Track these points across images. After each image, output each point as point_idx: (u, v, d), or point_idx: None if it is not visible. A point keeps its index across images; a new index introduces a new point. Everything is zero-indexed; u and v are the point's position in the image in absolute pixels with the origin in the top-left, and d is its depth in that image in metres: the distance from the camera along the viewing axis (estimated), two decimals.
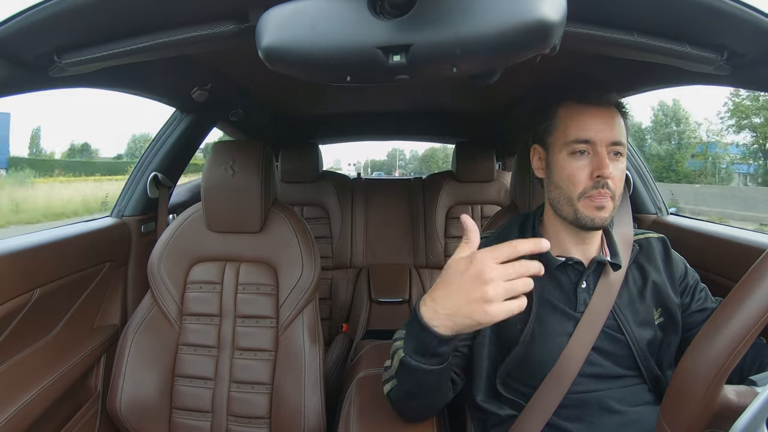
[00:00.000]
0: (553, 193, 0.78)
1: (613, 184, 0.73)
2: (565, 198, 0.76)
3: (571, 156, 0.75)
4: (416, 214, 2.15)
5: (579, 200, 0.74)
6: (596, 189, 0.73)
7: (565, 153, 0.76)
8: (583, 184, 0.74)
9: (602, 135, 0.73)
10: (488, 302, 0.56)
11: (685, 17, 0.60)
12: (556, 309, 0.76)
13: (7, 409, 0.83)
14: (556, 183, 0.78)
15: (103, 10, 0.59)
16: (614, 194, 0.74)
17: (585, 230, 0.77)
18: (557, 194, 0.77)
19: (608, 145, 0.74)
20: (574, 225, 0.76)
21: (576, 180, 0.74)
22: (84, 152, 33.79)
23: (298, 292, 1.08)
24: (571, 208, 0.75)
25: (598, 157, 0.73)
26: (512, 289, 0.56)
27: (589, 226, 0.74)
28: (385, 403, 0.75)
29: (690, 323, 0.79)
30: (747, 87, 0.77)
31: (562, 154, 0.76)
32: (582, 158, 0.74)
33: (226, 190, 1.09)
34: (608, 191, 0.73)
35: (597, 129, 0.74)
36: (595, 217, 0.73)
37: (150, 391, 1.05)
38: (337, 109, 1.98)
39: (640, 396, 0.75)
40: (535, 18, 0.46)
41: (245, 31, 0.62)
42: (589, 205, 0.73)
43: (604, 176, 0.72)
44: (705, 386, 0.45)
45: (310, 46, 0.50)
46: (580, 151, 0.74)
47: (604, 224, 0.75)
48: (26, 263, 0.92)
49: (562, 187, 0.76)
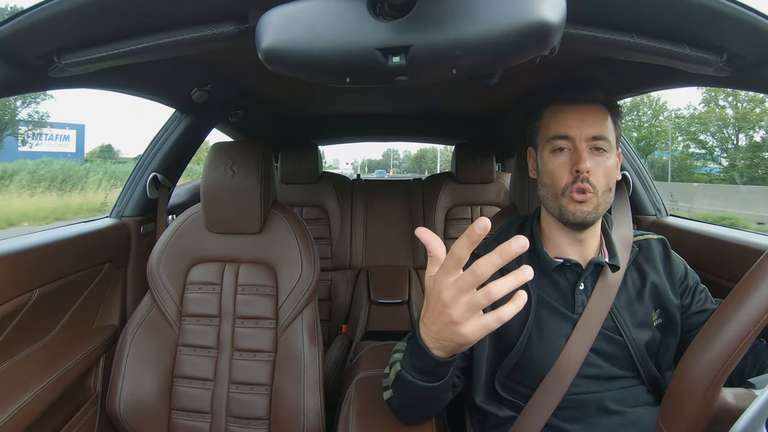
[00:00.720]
0: (542, 191, 0.81)
1: (595, 179, 0.74)
2: (551, 195, 0.78)
3: (552, 153, 0.77)
4: (416, 215, 2.15)
5: (563, 196, 0.75)
6: (575, 184, 0.74)
7: (547, 151, 0.78)
8: (564, 179, 0.75)
9: (580, 131, 0.75)
10: (457, 324, 0.50)
11: (684, 19, 0.61)
12: (553, 311, 0.77)
13: (6, 409, 0.83)
14: (543, 181, 0.80)
15: (103, 10, 0.59)
16: (596, 190, 0.74)
17: (572, 227, 0.77)
18: (545, 192, 0.80)
19: (588, 140, 0.75)
20: (561, 222, 0.78)
21: (557, 176, 0.76)
22: (106, 152, 34.30)
23: (298, 293, 1.08)
24: (556, 204, 0.77)
25: (576, 152, 0.75)
26: (475, 305, 0.49)
27: (572, 221, 0.75)
28: (384, 405, 0.75)
29: (690, 324, 0.79)
30: (746, 88, 0.77)
31: (545, 152, 0.79)
32: (562, 155, 0.76)
33: (226, 191, 1.09)
34: (588, 185, 0.74)
35: (574, 125, 0.76)
36: (576, 211, 0.74)
37: (149, 391, 1.05)
38: (336, 110, 1.98)
39: (638, 397, 0.75)
40: (534, 19, 0.46)
41: (245, 32, 0.62)
42: (570, 200, 0.75)
43: (581, 170, 0.73)
44: (703, 388, 0.45)
45: (309, 47, 0.50)
46: (559, 148, 0.76)
47: (587, 220, 0.75)
48: (26, 264, 0.92)
49: (547, 185, 0.78)
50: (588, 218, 0.75)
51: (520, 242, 0.43)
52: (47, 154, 19.95)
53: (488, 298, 0.47)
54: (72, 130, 25.63)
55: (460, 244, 0.47)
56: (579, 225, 0.76)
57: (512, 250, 0.44)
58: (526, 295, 0.47)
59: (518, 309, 0.47)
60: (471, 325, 0.50)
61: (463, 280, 0.48)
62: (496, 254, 0.46)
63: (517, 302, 0.47)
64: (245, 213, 1.10)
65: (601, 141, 0.76)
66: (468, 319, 0.50)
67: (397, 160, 61.04)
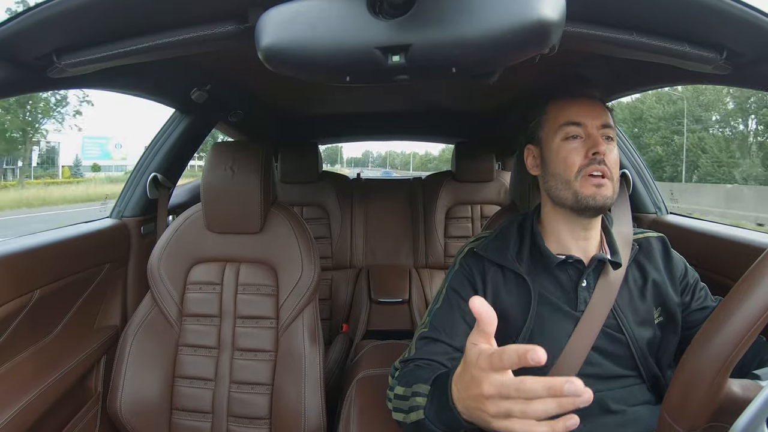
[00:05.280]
0: (551, 182, 0.79)
1: (609, 163, 0.74)
2: (563, 182, 0.76)
3: (564, 141, 0.77)
4: (416, 214, 2.15)
5: (577, 180, 0.75)
6: (591, 166, 0.74)
7: (558, 138, 0.78)
8: (579, 163, 0.75)
9: (592, 119, 0.76)
10: (491, 417, 0.48)
11: (684, 17, 0.61)
12: (555, 308, 0.76)
13: (7, 410, 0.83)
14: (552, 171, 0.78)
15: (103, 11, 0.59)
16: (612, 175, 0.74)
17: (587, 214, 0.76)
18: (554, 182, 0.78)
19: (599, 127, 0.76)
20: (575, 209, 0.76)
21: (571, 161, 0.75)
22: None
23: (298, 293, 1.08)
24: (570, 190, 0.75)
25: (591, 138, 0.75)
26: (510, 412, 0.46)
27: (591, 205, 0.73)
28: (385, 404, 0.75)
29: (690, 322, 0.79)
30: (746, 86, 0.77)
31: (556, 140, 0.78)
32: (575, 141, 0.76)
33: (226, 190, 1.09)
34: (606, 168, 0.74)
35: (585, 113, 0.76)
36: (597, 194, 0.73)
37: (150, 391, 1.05)
38: (336, 109, 1.98)
39: (639, 396, 0.75)
40: (534, 18, 0.46)
41: (244, 31, 0.62)
42: (588, 182, 0.74)
43: (599, 152, 0.73)
44: (710, 378, 0.44)
45: (309, 46, 0.50)
46: (572, 136, 0.76)
47: (605, 204, 0.74)
48: (26, 264, 0.92)
49: (558, 173, 0.77)
50: (606, 203, 0.74)
51: (572, 388, 0.41)
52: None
53: (523, 416, 0.46)
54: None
55: (511, 360, 0.44)
56: (598, 209, 0.74)
57: (563, 392, 0.42)
58: (578, 420, 0.44)
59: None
60: (501, 423, 0.48)
61: (506, 388, 0.46)
62: (543, 387, 0.43)
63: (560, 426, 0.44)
64: (245, 213, 1.10)
65: (610, 130, 0.77)
66: (500, 418, 0.48)
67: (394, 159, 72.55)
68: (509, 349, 0.44)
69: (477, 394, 0.49)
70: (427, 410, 0.63)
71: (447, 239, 2.06)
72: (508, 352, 0.44)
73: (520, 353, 0.43)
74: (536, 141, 0.83)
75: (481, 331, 0.49)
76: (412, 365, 0.75)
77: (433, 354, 0.75)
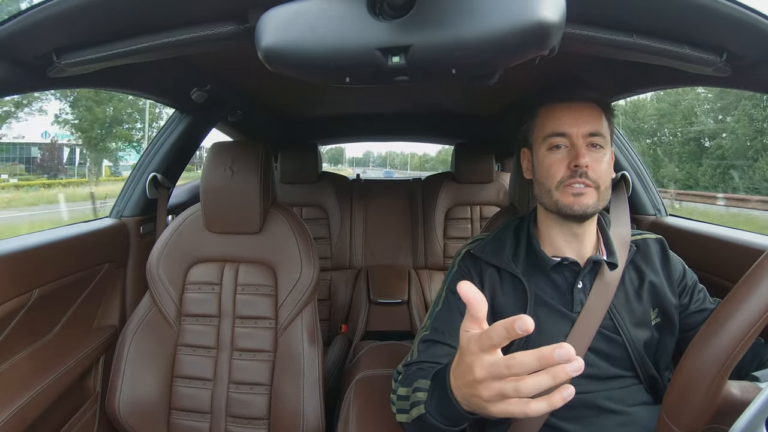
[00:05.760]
0: (537, 189, 0.81)
1: (594, 173, 0.74)
2: (545, 191, 0.78)
3: (549, 151, 0.78)
4: (415, 215, 2.15)
5: (558, 189, 0.76)
6: (572, 178, 0.74)
7: (544, 148, 0.79)
8: (560, 174, 0.76)
9: (576, 128, 0.76)
10: (486, 401, 0.48)
11: (684, 19, 0.61)
12: (552, 310, 0.77)
13: (5, 409, 0.83)
14: (538, 178, 0.80)
15: (103, 10, 0.59)
16: (597, 184, 0.75)
17: (571, 219, 0.77)
18: (539, 189, 0.80)
19: (585, 136, 0.76)
20: (560, 215, 0.77)
21: (553, 172, 0.76)
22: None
23: (297, 293, 1.08)
24: (551, 199, 0.77)
25: (574, 149, 0.75)
26: (503, 393, 0.46)
27: (569, 214, 0.75)
28: (383, 405, 0.75)
29: (689, 324, 0.79)
30: (746, 88, 0.77)
31: (542, 149, 0.79)
32: (559, 152, 0.77)
33: (225, 190, 1.09)
34: (587, 180, 0.74)
35: (571, 123, 0.76)
36: (575, 204, 0.74)
37: (149, 391, 1.05)
38: (336, 110, 1.98)
39: (636, 396, 0.75)
40: (534, 19, 0.46)
41: (245, 32, 0.62)
42: (567, 192, 0.75)
43: (579, 165, 0.74)
44: (709, 379, 0.44)
45: (309, 47, 0.50)
46: (556, 146, 0.77)
47: (585, 212, 0.75)
48: (25, 264, 0.92)
49: (542, 181, 0.79)
50: (588, 211, 0.75)
51: (563, 352, 0.41)
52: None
53: (517, 394, 0.45)
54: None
55: (499, 335, 0.44)
56: (579, 217, 0.76)
57: (554, 360, 0.42)
58: (573, 390, 0.43)
59: (553, 407, 0.43)
60: (497, 406, 0.48)
61: (497, 368, 0.46)
62: (534, 357, 0.43)
63: (556, 398, 0.43)
64: (245, 213, 1.10)
65: (598, 137, 0.76)
66: (495, 401, 0.48)
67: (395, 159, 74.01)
68: (497, 324, 0.44)
69: (470, 380, 0.49)
70: (428, 404, 0.63)
71: (446, 240, 2.06)
72: (495, 328, 0.44)
73: (507, 325, 0.43)
74: (528, 144, 0.84)
75: (471, 317, 0.48)
76: (415, 368, 0.75)
77: (436, 356, 0.75)
